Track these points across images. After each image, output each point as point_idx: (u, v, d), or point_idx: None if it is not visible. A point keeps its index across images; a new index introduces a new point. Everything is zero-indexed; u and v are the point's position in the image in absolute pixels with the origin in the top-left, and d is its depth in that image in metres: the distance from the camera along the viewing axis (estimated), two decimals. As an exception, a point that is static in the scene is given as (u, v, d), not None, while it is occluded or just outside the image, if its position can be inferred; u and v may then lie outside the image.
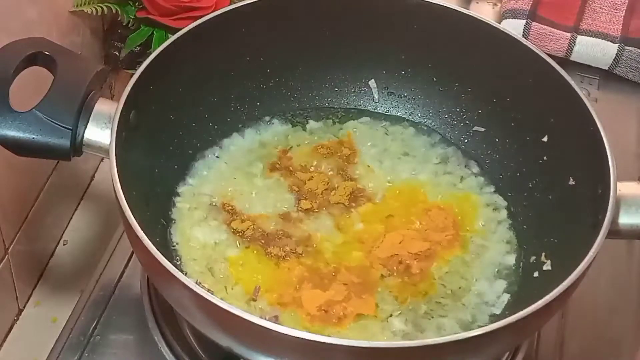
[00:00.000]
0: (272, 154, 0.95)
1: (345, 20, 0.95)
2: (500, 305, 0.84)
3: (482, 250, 0.88)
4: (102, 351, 0.87)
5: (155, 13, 1.10)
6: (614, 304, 0.96)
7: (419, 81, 0.98)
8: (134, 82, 0.82)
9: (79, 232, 1.15)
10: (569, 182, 0.86)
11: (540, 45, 1.16)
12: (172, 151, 0.90)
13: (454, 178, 0.94)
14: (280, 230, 0.87)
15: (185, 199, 0.90)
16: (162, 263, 0.71)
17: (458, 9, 0.93)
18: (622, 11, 1.23)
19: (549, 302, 0.71)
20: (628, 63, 1.17)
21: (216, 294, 0.81)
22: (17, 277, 1.04)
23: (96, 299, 0.91)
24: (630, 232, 0.79)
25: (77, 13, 1.09)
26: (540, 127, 0.90)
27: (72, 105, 0.80)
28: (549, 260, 0.84)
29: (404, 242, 0.87)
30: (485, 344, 0.72)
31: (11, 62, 0.80)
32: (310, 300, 0.82)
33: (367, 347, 0.68)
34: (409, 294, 0.83)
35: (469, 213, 0.91)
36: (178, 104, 0.90)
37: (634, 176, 0.91)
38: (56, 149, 0.80)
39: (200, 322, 0.75)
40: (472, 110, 0.96)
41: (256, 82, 0.96)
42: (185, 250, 0.86)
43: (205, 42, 0.89)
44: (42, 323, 1.06)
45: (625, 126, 1.14)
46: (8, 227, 1.00)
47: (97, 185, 1.20)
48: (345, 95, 1.00)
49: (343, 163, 0.94)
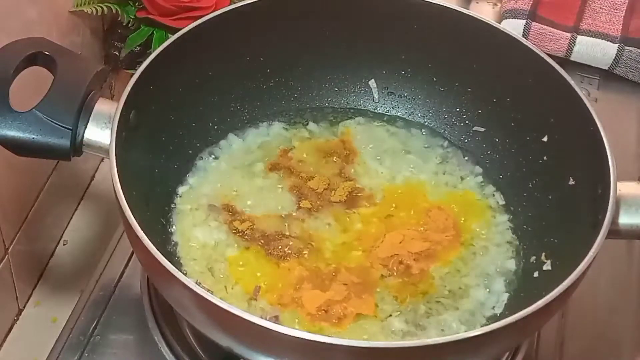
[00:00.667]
0: (272, 154, 0.95)
1: (345, 20, 0.95)
2: (500, 305, 0.84)
3: (482, 250, 0.88)
4: (102, 351, 0.87)
5: (155, 13, 1.10)
6: (614, 304, 0.96)
7: (419, 81, 0.98)
8: (134, 82, 0.82)
9: (79, 232, 1.15)
10: (569, 182, 0.86)
11: (540, 45, 1.16)
12: (172, 151, 0.90)
13: (454, 178, 0.94)
14: (280, 231, 0.87)
15: (186, 199, 0.90)
16: (162, 263, 0.71)
17: (458, 9, 0.93)
18: (622, 11, 1.23)
19: (549, 302, 0.71)
20: (628, 63, 1.17)
21: (216, 294, 0.81)
22: (17, 277, 1.05)
23: (96, 299, 0.91)
24: (630, 232, 0.79)
25: (77, 13, 1.09)
26: (540, 127, 0.90)
27: (72, 105, 0.80)
28: (549, 260, 0.84)
29: (404, 242, 0.87)
30: (485, 344, 0.72)
31: (11, 62, 0.80)
32: (310, 300, 0.82)
33: (367, 347, 0.68)
34: (408, 294, 0.83)
35: (468, 213, 0.91)
36: (178, 104, 0.90)
37: (634, 176, 0.91)
38: (56, 149, 0.80)
39: (200, 322, 0.75)
40: (472, 110, 0.96)
41: (256, 82, 0.96)
42: (185, 250, 0.86)
43: (205, 42, 0.89)
44: (42, 323, 1.06)
45: (625, 126, 1.14)
46: (8, 227, 1.01)
47: (97, 185, 1.20)
48: (345, 95, 1.00)
49: (343, 163, 0.94)
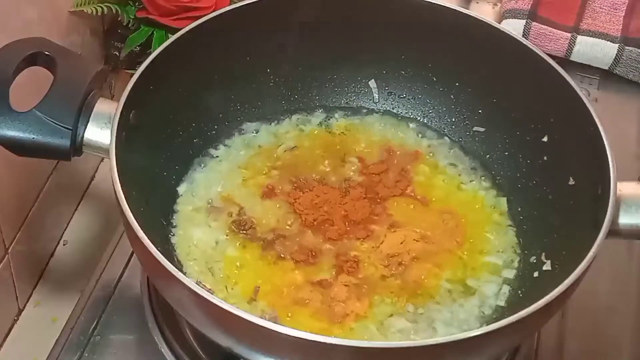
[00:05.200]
0: (272, 153, 0.95)
1: (345, 20, 0.95)
2: (500, 305, 0.84)
3: (482, 250, 0.88)
4: (102, 351, 0.87)
5: (155, 13, 1.10)
6: (614, 304, 0.96)
7: (419, 81, 0.98)
8: (134, 82, 0.82)
9: (79, 232, 1.15)
10: (569, 182, 0.86)
11: (540, 45, 1.16)
12: (172, 151, 0.90)
13: (453, 178, 0.94)
14: (281, 231, 0.87)
15: (186, 199, 0.90)
16: (162, 263, 0.71)
17: (458, 9, 0.93)
18: (622, 11, 1.23)
19: (549, 302, 0.71)
20: (628, 63, 1.17)
21: (216, 293, 0.81)
22: (17, 277, 1.04)
23: (96, 299, 0.91)
24: (630, 232, 0.79)
25: (77, 13, 1.09)
26: (540, 127, 0.90)
27: (72, 105, 0.80)
28: (549, 260, 0.84)
29: (405, 243, 0.87)
30: (485, 344, 0.72)
31: (11, 62, 0.80)
32: (310, 300, 0.82)
33: (367, 347, 0.68)
34: (409, 294, 0.83)
35: (468, 213, 0.91)
36: (178, 104, 0.90)
37: (634, 176, 0.91)
38: (56, 149, 0.80)
39: (200, 322, 0.75)
40: (472, 110, 0.96)
41: (256, 82, 0.96)
42: (185, 250, 0.86)
43: (205, 42, 0.89)
44: (42, 323, 1.06)
45: (625, 126, 1.14)
46: (8, 227, 1.00)
47: (97, 185, 1.20)
48: (345, 95, 1.00)
49: (343, 163, 0.94)
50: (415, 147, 0.97)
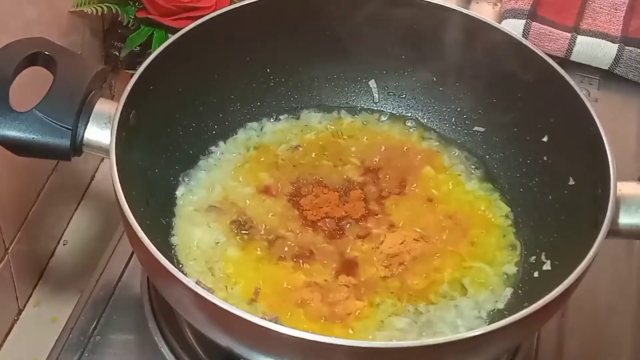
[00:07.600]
0: (272, 153, 0.95)
1: (345, 20, 0.95)
2: (500, 305, 0.84)
3: (482, 250, 0.88)
4: (102, 351, 0.87)
5: (155, 13, 1.10)
6: (614, 304, 0.96)
7: (419, 81, 0.98)
8: (134, 82, 0.82)
9: (79, 232, 1.15)
10: (569, 182, 0.86)
11: (540, 45, 1.16)
12: (172, 151, 0.90)
13: (453, 178, 0.94)
14: (281, 231, 0.87)
15: (186, 199, 0.89)
16: (162, 263, 0.71)
17: (458, 9, 0.93)
18: (622, 11, 1.23)
19: (549, 302, 0.71)
20: (628, 63, 1.17)
21: (216, 293, 0.81)
22: (17, 277, 1.05)
23: (96, 299, 0.91)
24: (630, 232, 0.79)
25: (77, 13, 1.09)
26: (540, 127, 0.90)
27: (72, 105, 0.80)
28: (549, 260, 0.84)
29: (405, 243, 0.87)
30: (485, 344, 0.72)
31: (11, 62, 0.80)
32: (310, 301, 0.82)
33: (367, 347, 0.68)
34: (409, 295, 0.83)
35: (468, 212, 0.91)
36: (178, 104, 0.90)
37: (634, 176, 0.91)
38: (56, 149, 0.80)
39: (200, 322, 0.75)
40: (472, 110, 0.96)
41: (256, 82, 0.96)
42: (185, 250, 0.86)
43: (205, 42, 0.89)
44: (42, 323, 1.06)
45: (625, 126, 1.14)
46: (8, 227, 1.01)
47: (97, 185, 1.20)
48: (345, 95, 1.00)
49: (343, 163, 0.94)
50: (415, 147, 0.97)
